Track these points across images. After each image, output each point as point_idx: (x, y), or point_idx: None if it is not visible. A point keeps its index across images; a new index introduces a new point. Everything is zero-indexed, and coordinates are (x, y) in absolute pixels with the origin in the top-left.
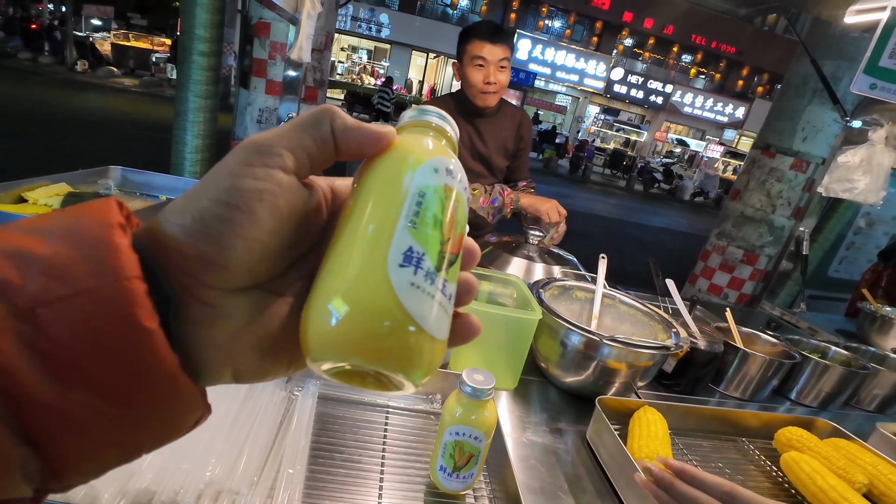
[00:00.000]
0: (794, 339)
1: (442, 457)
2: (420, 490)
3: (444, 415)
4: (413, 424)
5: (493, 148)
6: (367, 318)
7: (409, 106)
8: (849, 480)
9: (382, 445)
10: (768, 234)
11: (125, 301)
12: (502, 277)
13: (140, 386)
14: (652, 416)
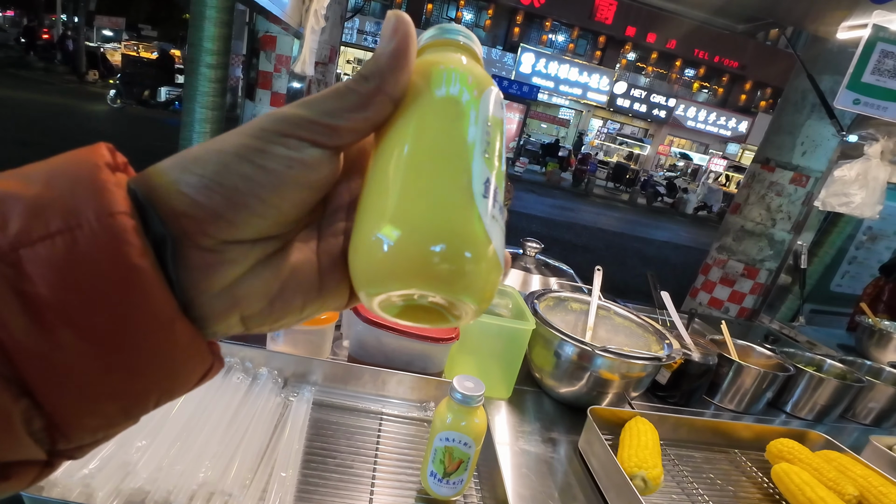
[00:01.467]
0: (790, 352)
1: (432, 462)
2: (411, 496)
3: (434, 421)
4: (406, 431)
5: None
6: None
7: None
8: (839, 492)
9: (375, 451)
10: (768, 248)
11: (111, 237)
12: (498, 288)
13: (131, 328)
14: (643, 427)
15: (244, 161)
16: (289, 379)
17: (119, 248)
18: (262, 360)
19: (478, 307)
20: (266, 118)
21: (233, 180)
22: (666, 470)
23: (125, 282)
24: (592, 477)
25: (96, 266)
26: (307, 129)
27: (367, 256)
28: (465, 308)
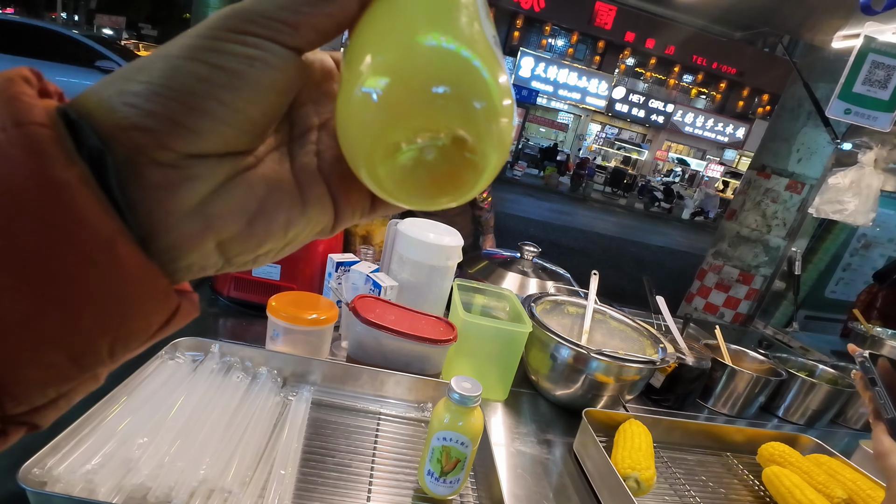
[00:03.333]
0: (783, 356)
1: (430, 462)
2: (408, 495)
3: (432, 421)
4: (404, 432)
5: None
6: (460, 59)
7: None
8: (828, 495)
9: (373, 451)
10: (764, 255)
11: (27, 149)
12: (496, 291)
13: (58, 253)
14: (637, 429)
15: (196, 61)
16: (288, 379)
17: (37, 160)
18: (262, 359)
19: (499, 141)
20: (216, 16)
21: (187, 82)
22: (659, 472)
23: (45, 199)
24: (587, 478)
25: (9, 183)
26: (264, 26)
27: (363, 107)
28: (484, 146)
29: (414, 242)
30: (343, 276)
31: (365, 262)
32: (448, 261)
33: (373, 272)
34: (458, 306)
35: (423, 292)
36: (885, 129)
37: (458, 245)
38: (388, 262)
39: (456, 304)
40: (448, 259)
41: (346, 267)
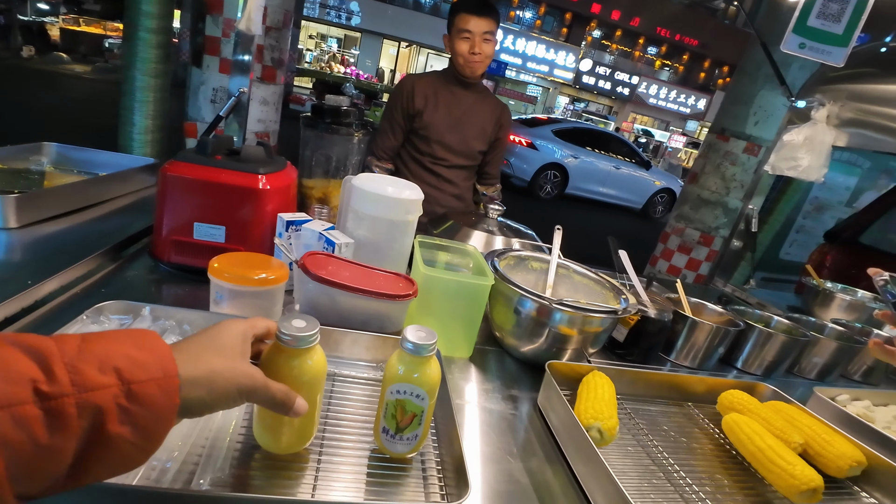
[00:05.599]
0: (740, 309)
1: (384, 418)
2: (364, 455)
3: (385, 374)
4: (361, 392)
5: (472, 126)
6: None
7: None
8: (785, 440)
9: (325, 413)
10: (723, 216)
11: (169, 389)
12: (460, 248)
13: (163, 433)
14: (600, 381)
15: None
16: None
17: (172, 395)
18: (202, 321)
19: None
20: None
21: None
22: (622, 423)
23: (170, 411)
24: (551, 432)
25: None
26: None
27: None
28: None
29: (371, 197)
30: (294, 235)
31: (318, 221)
32: (408, 215)
33: (327, 230)
34: (418, 261)
35: (382, 249)
36: (838, 64)
37: (417, 199)
38: (344, 219)
39: (417, 259)
40: (408, 213)
41: (297, 226)
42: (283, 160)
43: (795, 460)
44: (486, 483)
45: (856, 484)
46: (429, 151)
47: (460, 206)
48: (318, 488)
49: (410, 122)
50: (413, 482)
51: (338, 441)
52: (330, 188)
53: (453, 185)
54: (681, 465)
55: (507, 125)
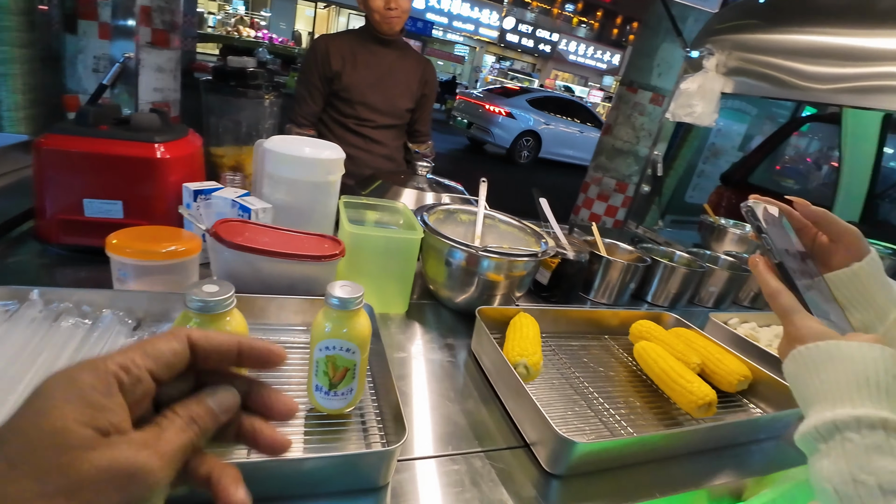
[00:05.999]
0: (648, 247)
1: (316, 376)
2: (300, 416)
3: (312, 332)
4: (293, 357)
5: (396, 85)
6: None
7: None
8: (685, 362)
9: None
10: (635, 164)
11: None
12: (388, 205)
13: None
14: (525, 321)
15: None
16: (143, 319)
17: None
18: (105, 301)
19: None
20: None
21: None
22: (547, 359)
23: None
24: (485, 374)
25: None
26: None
27: None
28: None
29: (287, 159)
30: (203, 205)
31: (231, 189)
32: (329, 175)
33: (240, 197)
34: (343, 220)
35: (304, 213)
36: (712, 10)
37: (338, 158)
38: (259, 185)
39: (342, 219)
40: (329, 174)
41: (206, 195)
42: (183, 128)
43: (693, 378)
44: (427, 428)
45: (744, 396)
46: (353, 113)
47: (392, 167)
48: (252, 451)
49: (329, 85)
50: (353, 435)
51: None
52: (242, 155)
53: (382, 146)
54: (599, 393)
55: (433, 81)
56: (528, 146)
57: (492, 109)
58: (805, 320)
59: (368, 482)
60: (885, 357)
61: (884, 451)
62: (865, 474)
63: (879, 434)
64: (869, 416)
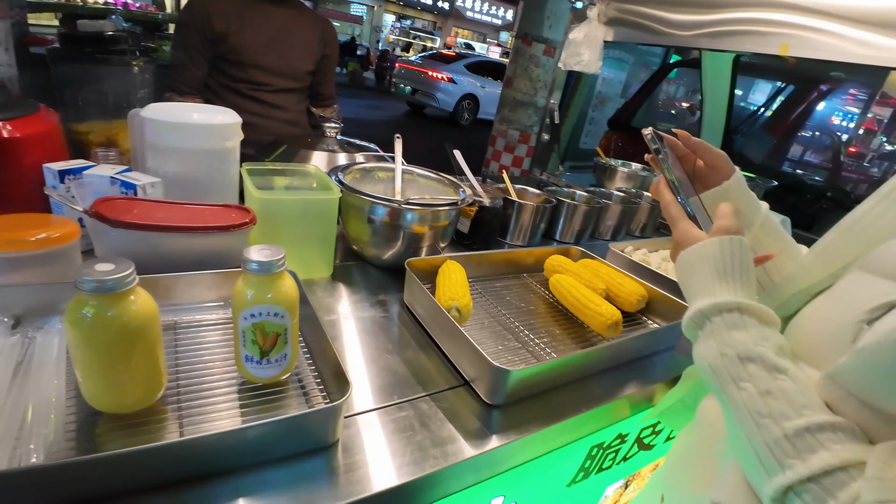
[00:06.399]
0: (553, 189)
1: (244, 346)
2: (233, 391)
3: (234, 302)
4: (212, 334)
5: (292, 45)
6: None
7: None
8: (593, 288)
9: (175, 366)
10: (535, 115)
11: None
12: (298, 169)
13: None
14: (453, 267)
15: None
16: (24, 316)
17: None
18: None
19: None
20: None
21: None
22: (475, 302)
23: None
24: (420, 323)
25: None
26: None
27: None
28: None
29: (173, 128)
30: (75, 186)
31: (106, 166)
32: (226, 142)
33: (121, 173)
34: (249, 187)
35: (202, 184)
36: None
37: (234, 122)
38: (141, 158)
39: (248, 186)
40: (226, 140)
41: (75, 175)
42: (32, 103)
43: (602, 302)
44: (369, 381)
45: (643, 314)
46: (245, 77)
47: (297, 132)
48: (186, 433)
49: (213, 48)
50: (294, 400)
51: (198, 385)
52: (114, 130)
53: (284, 111)
54: (524, 326)
55: (334, 41)
56: (468, 108)
57: (434, 75)
58: (685, 226)
59: (317, 441)
60: (723, 246)
61: (739, 327)
62: (728, 348)
63: (735, 315)
64: (726, 302)
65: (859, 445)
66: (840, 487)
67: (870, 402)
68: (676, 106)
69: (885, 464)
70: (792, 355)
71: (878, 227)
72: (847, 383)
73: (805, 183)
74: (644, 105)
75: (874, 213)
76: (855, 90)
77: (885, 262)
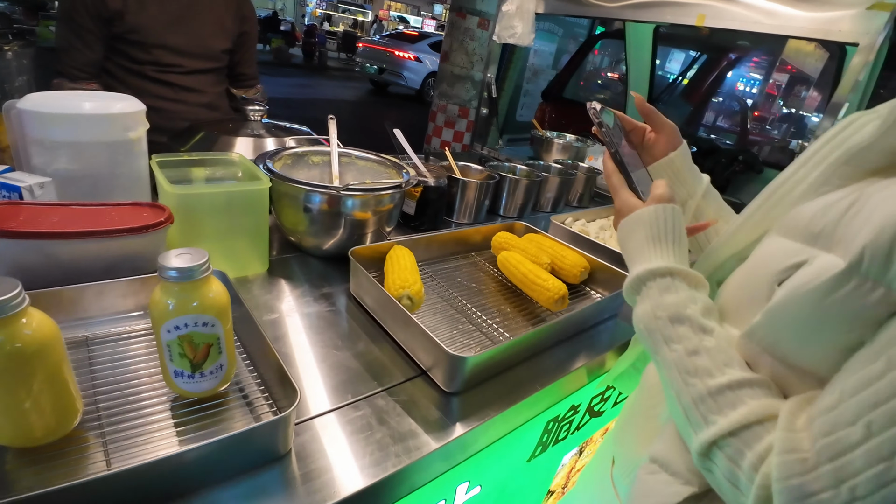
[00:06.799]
0: (494, 165)
1: (171, 361)
2: (164, 409)
3: (153, 314)
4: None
5: (203, 22)
6: None
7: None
8: (539, 263)
9: (92, 388)
10: (472, 89)
11: None
12: (219, 158)
13: None
14: (401, 252)
15: None
16: None
17: None
18: None
19: None
20: None
21: None
22: (427, 285)
23: None
24: (370, 314)
25: None
26: None
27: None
28: None
29: (60, 120)
30: None
31: None
32: (128, 132)
33: (1, 174)
34: (162, 182)
35: (104, 182)
36: None
37: (135, 110)
38: (25, 156)
39: (160, 182)
40: (127, 130)
41: None
42: None
43: (548, 277)
44: (321, 381)
45: (587, 285)
46: (149, 59)
47: (216, 117)
48: (113, 461)
49: (108, 28)
50: (237, 412)
51: (122, 406)
52: None
53: (199, 94)
54: (476, 307)
55: (252, 17)
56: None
57: (400, 55)
58: (626, 195)
59: (268, 454)
60: (657, 214)
61: (671, 290)
62: (660, 310)
63: (668, 279)
64: (660, 267)
65: (774, 400)
66: (756, 440)
67: (781, 357)
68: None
69: (794, 415)
70: (719, 317)
71: (799, 192)
72: (761, 341)
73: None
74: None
75: (794, 179)
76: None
77: (795, 225)
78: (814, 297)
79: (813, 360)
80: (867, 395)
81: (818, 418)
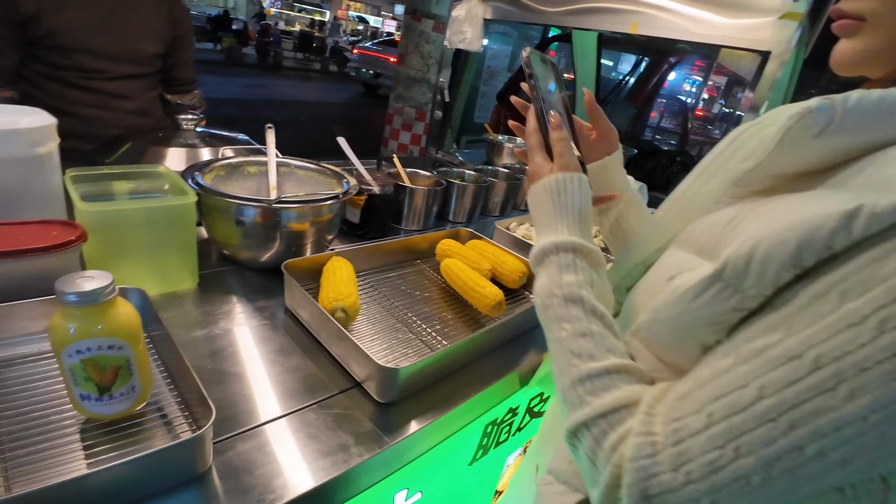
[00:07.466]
0: (444, 170)
1: (76, 385)
2: (74, 432)
3: (53, 339)
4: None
5: (130, 25)
6: None
7: None
8: (479, 270)
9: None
10: (428, 92)
11: None
12: (145, 171)
13: None
14: (338, 264)
15: None
16: None
17: None
18: None
19: None
20: None
21: None
22: (368, 296)
23: None
24: (305, 328)
25: None
26: None
27: None
28: None
29: None
30: None
31: None
32: (35, 148)
33: None
34: (76, 199)
35: (11, 199)
36: None
37: (45, 125)
38: None
39: (74, 198)
40: (35, 146)
41: None
42: None
43: (486, 284)
44: (253, 396)
45: (526, 290)
46: (70, 64)
47: (149, 124)
48: (14, 486)
49: (22, 33)
50: (155, 432)
51: (26, 429)
52: None
53: (128, 101)
54: (417, 316)
55: (186, 19)
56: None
57: (394, 61)
58: (540, 159)
59: (185, 473)
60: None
61: (571, 269)
62: (558, 288)
63: (570, 256)
64: (564, 242)
65: (644, 387)
66: (620, 423)
67: (658, 354)
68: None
69: (655, 400)
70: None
71: (695, 204)
72: (644, 339)
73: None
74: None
75: (691, 191)
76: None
77: (690, 240)
78: (685, 298)
79: (682, 357)
80: (712, 386)
81: (671, 404)
